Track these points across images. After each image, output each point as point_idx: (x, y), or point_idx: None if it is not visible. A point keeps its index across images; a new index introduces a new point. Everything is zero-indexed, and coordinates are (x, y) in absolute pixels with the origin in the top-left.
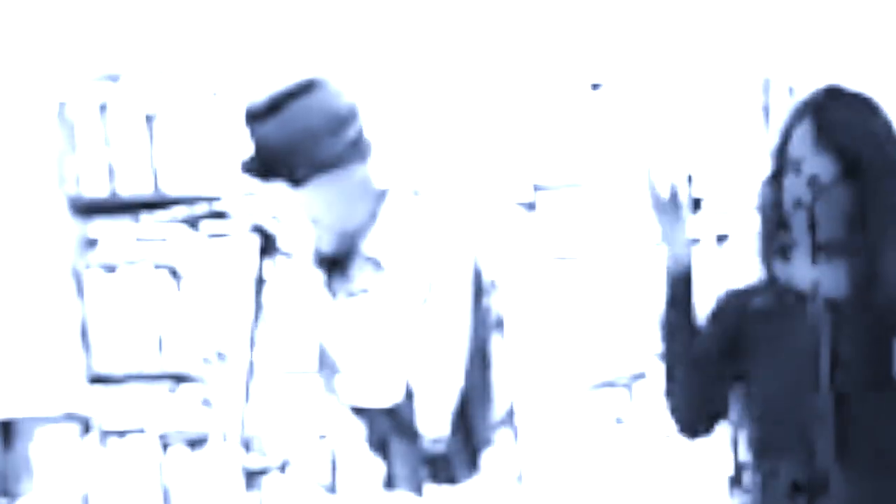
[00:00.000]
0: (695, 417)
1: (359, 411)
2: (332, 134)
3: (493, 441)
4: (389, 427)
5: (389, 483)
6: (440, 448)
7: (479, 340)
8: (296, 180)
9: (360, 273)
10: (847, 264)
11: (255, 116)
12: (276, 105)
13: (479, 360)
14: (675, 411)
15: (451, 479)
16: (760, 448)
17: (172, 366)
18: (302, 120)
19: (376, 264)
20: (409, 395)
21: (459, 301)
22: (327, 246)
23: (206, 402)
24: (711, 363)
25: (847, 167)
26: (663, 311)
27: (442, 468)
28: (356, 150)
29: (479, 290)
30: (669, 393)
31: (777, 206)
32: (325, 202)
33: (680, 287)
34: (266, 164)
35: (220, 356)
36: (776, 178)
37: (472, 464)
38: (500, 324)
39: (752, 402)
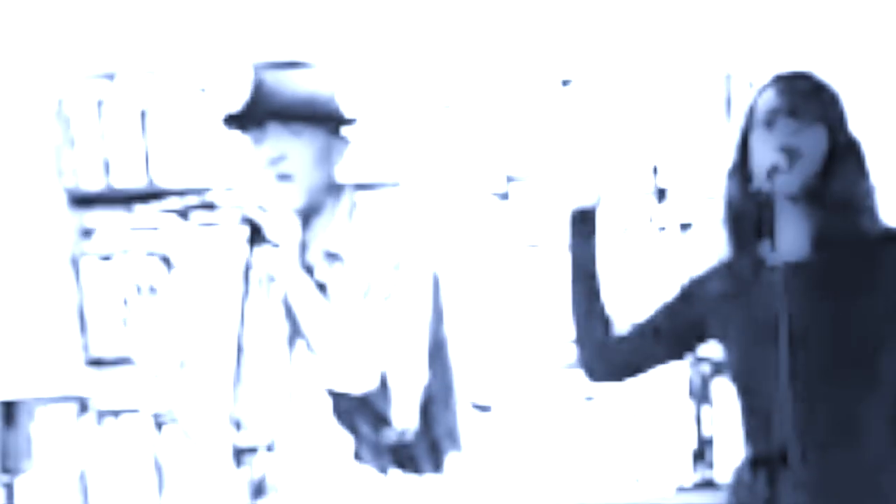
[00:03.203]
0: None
1: (332, 393)
2: (332, 106)
3: (459, 444)
4: (358, 411)
5: (358, 457)
6: (407, 439)
7: (437, 338)
8: (288, 122)
9: (319, 267)
10: (812, 219)
11: (277, 66)
12: (293, 64)
13: (439, 359)
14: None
15: (416, 469)
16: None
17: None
18: (312, 83)
19: (335, 258)
20: (383, 384)
21: (421, 298)
22: (298, 202)
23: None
24: (669, 329)
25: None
26: (571, 251)
27: (407, 458)
28: (341, 135)
29: (436, 288)
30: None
31: (744, 192)
32: (304, 158)
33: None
34: (264, 111)
35: (152, 290)
36: (741, 167)
37: (436, 462)
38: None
39: (731, 377)
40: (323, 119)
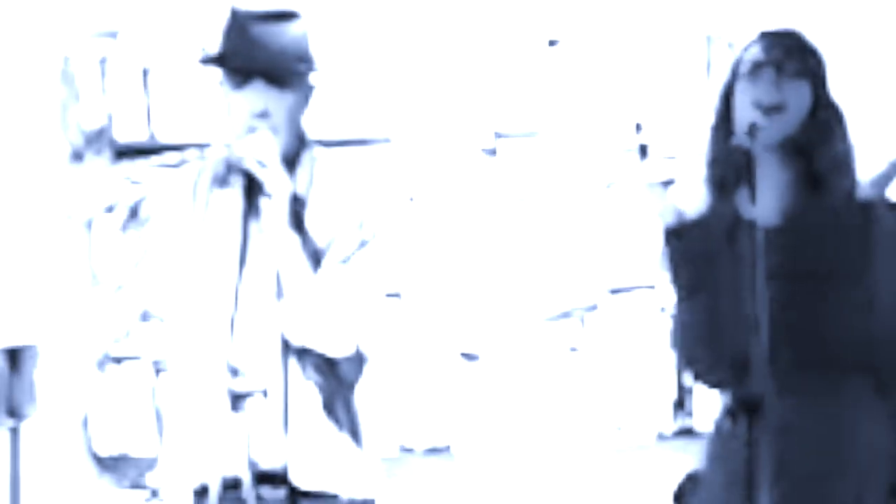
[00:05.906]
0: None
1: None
2: (308, 57)
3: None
4: (328, 367)
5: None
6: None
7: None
8: (271, 79)
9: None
10: (793, 179)
11: (261, 17)
12: (279, 15)
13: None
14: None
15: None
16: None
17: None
18: (294, 33)
19: (300, 202)
20: (358, 353)
21: (382, 259)
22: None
23: None
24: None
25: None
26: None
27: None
28: (309, 87)
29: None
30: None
31: (726, 144)
32: (284, 111)
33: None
34: (249, 67)
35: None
36: (724, 120)
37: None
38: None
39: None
40: (304, 70)
